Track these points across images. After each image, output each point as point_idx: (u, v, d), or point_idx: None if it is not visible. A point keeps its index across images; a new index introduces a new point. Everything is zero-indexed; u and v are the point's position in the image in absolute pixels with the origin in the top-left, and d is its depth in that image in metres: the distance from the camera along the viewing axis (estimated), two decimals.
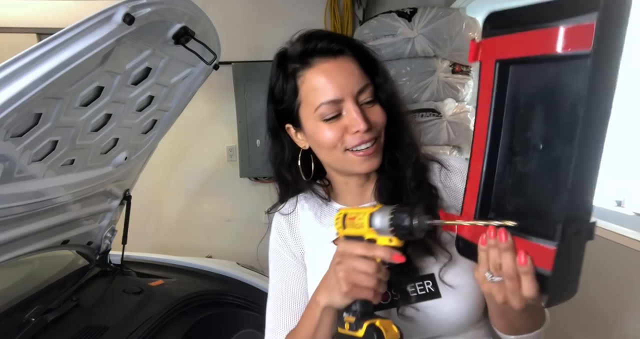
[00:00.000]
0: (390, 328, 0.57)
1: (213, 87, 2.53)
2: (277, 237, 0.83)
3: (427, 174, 0.77)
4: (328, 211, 0.81)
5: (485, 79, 0.52)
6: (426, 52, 2.22)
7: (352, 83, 0.68)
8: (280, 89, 0.73)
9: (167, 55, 1.11)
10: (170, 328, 1.32)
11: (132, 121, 1.23)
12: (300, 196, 0.84)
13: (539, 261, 0.47)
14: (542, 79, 0.47)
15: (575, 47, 0.41)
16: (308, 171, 0.80)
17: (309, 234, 0.81)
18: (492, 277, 0.51)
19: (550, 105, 0.46)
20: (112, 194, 1.47)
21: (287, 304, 0.77)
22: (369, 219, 0.59)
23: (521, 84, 0.49)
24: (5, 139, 0.86)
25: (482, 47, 0.52)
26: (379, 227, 0.57)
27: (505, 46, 0.49)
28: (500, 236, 0.49)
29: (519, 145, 0.50)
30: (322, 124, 0.70)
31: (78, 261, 1.63)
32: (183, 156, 2.77)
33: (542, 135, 0.47)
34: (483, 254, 0.52)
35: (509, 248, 0.48)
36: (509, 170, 0.52)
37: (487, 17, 0.51)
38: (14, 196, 1.00)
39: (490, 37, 0.50)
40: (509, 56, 0.49)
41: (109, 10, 0.83)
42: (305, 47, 0.70)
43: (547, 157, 0.47)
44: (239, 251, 2.41)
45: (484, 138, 0.53)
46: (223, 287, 1.60)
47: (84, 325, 1.24)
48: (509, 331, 0.68)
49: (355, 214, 0.62)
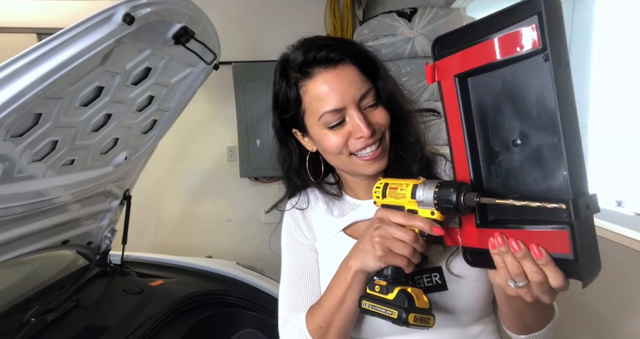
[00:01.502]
0: (421, 296, 0.57)
1: (213, 87, 2.54)
2: (291, 222, 0.85)
3: (432, 168, 0.79)
4: (339, 203, 0.82)
5: (448, 94, 0.57)
6: (426, 52, 2.22)
7: (353, 90, 0.69)
8: (283, 97, 0.74)
9: (167, 55, 1.11)
10: (170, 328, 1.32)
11: (132, 121, 1.23)
12: (315, 190, 0.86)
13: (554, 247, 0.48)
14: (499, 82, 0.52)
15: (527, 47, 0.47)
16: (317, 172, 0.82)
17: (320, 224, 0.83)
18: (516, 283, 0.50)
19: (516, 102, 0.51)
20: (112, 194, 1.46)
21: (303, 283, 0.79)
22: (412, 190, 0.59)
23: (482, 90, 0.55)
24: (5, 139, 0.86)
25: (437, 67, 0.58)
26: (422, 199, 0.58)
27: (459, 62, 0.54)
28: (513, 245, 0.49)
29: (497, 145, 0.54)
30: (327, 131, 0.71)
31: (78, 261, 1.63)
32: (183, 156, 2.77)
33: (518, 130, 0.51)
34: (499, 258, 0.52)
35: (526, 254, 0.49)
36: (495, 170, 0.55)
37: (434, 41, 0.58)
38: (14, 196, 1.00)
39: (443, 57, 0.57)
40: (465, 69, 0.54)
41: (109, 10, 0.83)
42: (305, 57, 0.70)
43: (529, 149, 0.51)
44: (239, 251, 2.42)
45: (462, 146, 0.56)
46: (223, 287, 1.60)
47: (84, 325, 1.24)
48: (522, 331, 0.69)
49: (397, 184, 0.62)
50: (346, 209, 0.81)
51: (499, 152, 0.54)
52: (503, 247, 0.50)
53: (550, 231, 0.48)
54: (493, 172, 0.55)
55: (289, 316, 0.77)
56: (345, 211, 0.81)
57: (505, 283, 0.52)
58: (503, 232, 0.52)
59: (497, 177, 0.55)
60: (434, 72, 0.58)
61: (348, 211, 0.81)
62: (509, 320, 0.70)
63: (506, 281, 0.52)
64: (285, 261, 0.84)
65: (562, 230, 0.47)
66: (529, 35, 0.46)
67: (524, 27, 0.47)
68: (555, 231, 0.47)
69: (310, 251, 0.82)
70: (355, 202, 0.81)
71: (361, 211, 0.79)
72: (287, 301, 0.79)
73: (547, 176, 0.49)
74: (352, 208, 0.81)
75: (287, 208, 0.87)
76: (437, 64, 0.57)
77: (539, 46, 0.46)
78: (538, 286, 0.49)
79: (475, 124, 0.56)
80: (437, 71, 0.58)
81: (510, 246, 0.50)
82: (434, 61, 0.58)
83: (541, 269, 0.48)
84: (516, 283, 0.51)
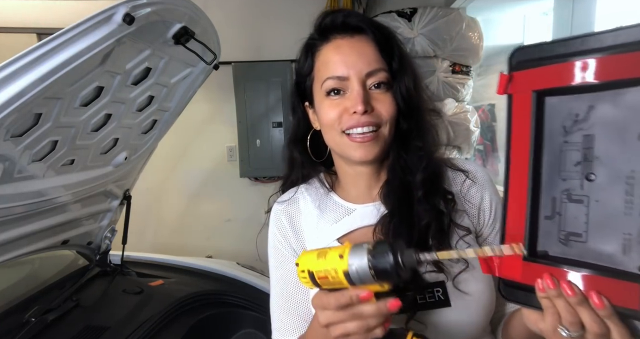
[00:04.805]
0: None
1: (213, 87, 2.54)
2: (276, 233, 0.79)
3: (441, 182, 0.72)
4: (332, 206, 0.77)
5: (519, 112, 0.50)
6: (426, 52, 2.22)
7: (362, 63, 0.66)
8: (302, 63, 0.74)
9: (167, 55, 1.11)
10: (170, 328, 1.32)
11: (132, 121, 1.23)
12: (302, 187, 0.81)
13: (620, 299, 0.42)
14: (585, 108, 0.45)
15: (632, 74, 0.41)
16: (318, 157, 0.80)
17: (311, 232, 0.77)
18: (569, 332, 0.44)
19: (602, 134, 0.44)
20: (112, 194, 1.46)
21: (288, 305, 0.75)
22: (345, 277, 0.49)
23: (560, 114, 0.48)
24: (5, 139, 0.86)
25: (514, 79, 0.51)
26: (363, 281, 0.48)
27: (543, 76, 0.48)
28: (565, 289, 0.43)
29: (567, 176, 0.48)
30: (326, 100, 0.69)
31: (78, 261, 1.63)
32: (183, 156, 2.77)
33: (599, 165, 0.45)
34: (547, 303, 0.45)
35: (583, 301, 0.42)
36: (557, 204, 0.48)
37: (515, 50, 0.51)
38: (14, 196, 1.00)
39: (524, 69, 0.50)
40: (547, 86, 0.48)
41: (109, 10, 0.84)
42: (324, 20, 0.70)
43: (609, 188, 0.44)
44: (239, 251, 2.41)
45: (525, 169, 0.50)
46: (223, 287, 1.60)
47: (84, 325, 1.24)
48: None
49: (324, 271, 0.50)
50: (340, 214, 0.75)
51: (567, 186, 0.47)
52: (554, 291, 0.44)
53: (614, 280, 0.42)
54: (555, 207, 0.48)
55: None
56: (339, 217, 0.74)
57: (553, 329, 0.45)
58: (553, 272, 0.45)
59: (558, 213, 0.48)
60: (508, 82, 0.51)
61: (342, 217, 0.74)
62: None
63: (555, 328, 0.45)
64: (272, 274, 0.79)
65: (631, 282, 0.41)
66: (637, 62, 0.41)
67: (634, 52, 0.41)
68: (622, 282, 0.41)
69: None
70: (349, 207, 0.75)
71: (357, 217, 0.73)
72: (277, 322, 0.76)
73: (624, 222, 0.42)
74: (347, 213, 0.74)
75: (273, 207, 0.82)
76: (515, 75, 0.51)
77: None
78: (597, 338, 0.43)
79: (544, 149, 0.49)
80: (513, 83, 0.51)
81: (562, 289, 0.43)
82: (509, 71, 0.52)
83: (602, 320, 0.42)
84: (569, 332, 0.44)
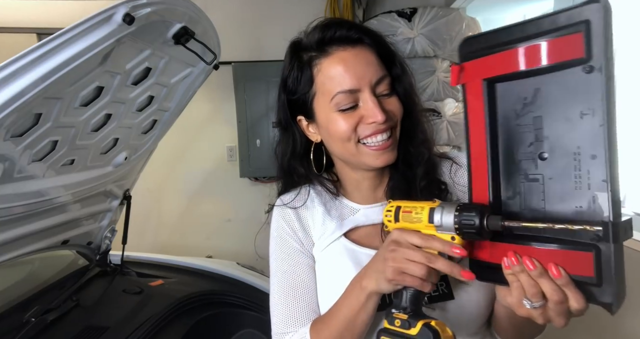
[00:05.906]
0: (445, 329, 0.54)
1: (213, 87, 2.53)
2: (284, 226, 0.78)
3: (438, 171, 0.75)
4: (338, 205, 0.78)
5: (473, 99, 0.53)
6: (426, 52, 2.22)
7: (370, 73, 0.66)
8: (294, 78, 0.71)
9: (167, 55, 1.11)
10: (170, 328, 1.32)
11: (132, 121, 1.23)
12: (310, 189, 0.81)
13: (574, 269, 0.45)
14: (531, 91, 0.49)
15: (571, 56, 0.44)
16: (319, 166, 0.78)
17: (318, 226, 0.77)
18: (532, 303, 0.48)
19: (549, 113, 0.48)
20: (112, 194, 1.46)
21: (300, 294, 0.73)
22: (429, 214, 0.55)
23: (510, 98, 0.51)
24: (5, 139, 0.86)
25: (465, 69, 0.54)
26: (441, 224, 0.54)
27: (490, 65, 0.51)
28: (527, 264, 0.46)
29: (522, 158, 0.51)
30: (337, 114, 0.67)
31: (78, 261, 1.63)
32: (183, 156, 2.76)
33: (547, 143, 0.48)
34: (512, 277, 0.49)
35: (543, 273, 0.46)
36: (516, 185, 0.51)
37: (462, 41, 0.54)
38: (14, 196, 1.00)
39: (472, 59, 0.53)
40: (496, 74, 0.51)
41: (109, 10, 0.83)
42: (323, 34, 0.68)
43: (557, 165, 0.47)
44: (239, 251, 2.41)
45: (484, 157, 0.53)
46: (223, 287, 1.60)
47: (84, 325, 1.24)
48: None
49: (411, 207, 0.58)
50: (345, 213, 0.76)
51: (524, 166, 0.51)
52: (517, 267, 0.47)
53: (571, 251, 0.45)
54: (514, 187, 0.52)
55: (287, 330, 0.71)
56: (344, 215, 0.76)
57: (518, 302, 0.49)
58: (517, 250, 0.48)
59: (518, 193, 0.51)
60: (460, 73, 0.54)
61: (347, 215, 0.76)
62: (504, 332, 0.68)
63: (520, 300, 0.49)
64: (277, 268, 0.77)
65: (586, 252, 0.44)
66: (576, 44, 0.43)
67: (572, 35, 0.43)
68: (578, 252, 0.44)
69: (305, 257, 0.76)
70: (353, 207, 0.77)
71: (362, 216, 0.75)
72: (283, 314, 0.72)
73: (576, 196, 0.46)
74: (351, 213, 0.76)
75: (277, 204, 0.81)
76: (466, 65, 0.53)
77: (584, 56, 0.43)
78: (557, 305, 0.46)
79: (500, 134, 0.52)
80: (464, 73, 0.53)
81: (525, 264, 0.47)
82: (460, 62, 0.54)
83: (561, 289, 0.46)
84: (532, 303, 0.47)
